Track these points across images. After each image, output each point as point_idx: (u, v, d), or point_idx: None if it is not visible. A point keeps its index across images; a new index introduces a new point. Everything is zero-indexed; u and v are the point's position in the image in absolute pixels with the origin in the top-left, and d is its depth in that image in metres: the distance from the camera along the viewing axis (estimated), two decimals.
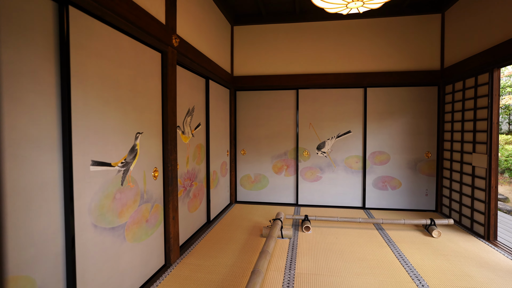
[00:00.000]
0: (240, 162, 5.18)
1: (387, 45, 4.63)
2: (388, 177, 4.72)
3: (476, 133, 3.68)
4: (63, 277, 1.62)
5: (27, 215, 1.41)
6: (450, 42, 4.30)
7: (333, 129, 4.85)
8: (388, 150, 4.70)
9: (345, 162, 4.83)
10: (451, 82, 4.26)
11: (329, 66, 4.78)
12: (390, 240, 3.43)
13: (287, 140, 5.01)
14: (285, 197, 5.06)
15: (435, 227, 3.58)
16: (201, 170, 3.82)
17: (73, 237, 1.65)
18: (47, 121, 1.53)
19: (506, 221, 4.41)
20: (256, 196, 5.15)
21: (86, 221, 1.76)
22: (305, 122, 4.93)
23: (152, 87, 2.56)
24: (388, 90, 4.69)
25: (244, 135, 5.15)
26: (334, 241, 3.42)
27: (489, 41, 3.43)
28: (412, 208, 4.69)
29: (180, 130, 3.19)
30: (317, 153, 4.90)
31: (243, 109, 5.14)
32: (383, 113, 4.70)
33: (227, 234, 3.63)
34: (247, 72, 5.01)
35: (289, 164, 5.02)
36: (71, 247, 1.63)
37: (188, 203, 3.42)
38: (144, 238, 2.41)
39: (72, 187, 1.64)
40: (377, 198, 4.76)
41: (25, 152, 1.41)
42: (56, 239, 1.57)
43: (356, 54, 4.71)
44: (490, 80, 3.43)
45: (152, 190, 2.54)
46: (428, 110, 4.60)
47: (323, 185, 4.90)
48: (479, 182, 3.63)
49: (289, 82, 4.85)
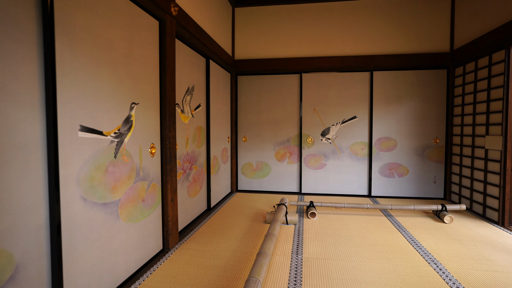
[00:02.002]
0: (241, 149, 4.99)
1: (394, 26, 4.44)
2: (395, 164, 4.54)
3: (490, 115, 3.51)
4: (47, 252, 1.42)
5: (1, 178, 1.22)
6: (460, 21, 4.12)
7: (338, 115, 4.67)
8: (395, 136, 4.53)
9: (350, 149, 4.65)
10: (462, 63, 4.08)
11: (333, 49, 4.59)
12: (401, 226, 3.26)
13: (290, 126, 4.83)
14: (288, 186, 4.88)
15: (446, 213, 3.41)
16: (201, 154, 3.63)
17: (59, 208, 1.45)
18: (27, 73, 1.33)
19: None
20: (258, 184, 4.96)
21: (73, 192, 1.56)
22: (309, 108, 4.74)
23: (149, 56, 2.36)
24: (395, 73, 4.50)
25: (246, 121, 4.96)
26: (341, 226, 3.25)
27: (504, 16, 3.25)
28: (420, 196, 4.52)
29: (179, 108, 2.99)
30: (321, 140, 4.71)
31: (244, 94, 4.94)
32: (390, 98, 4.52)
33: (228, 221, 3.44)
34: (249, 56, 4.81)
35: (292, 151, 4.83)
36: (56, 219, 1.44)
37: (188, 187, 3.23)
38: (140, 219, 2.22)
39: (57, 152, 1.44)
40: (384, 186, 4.59)
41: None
42: (38, 209, 1.38)
43: (362, 36, 4.52)
44: (506, 57, 3.25)
45: (149, 168, 2.35)
46: (436, 94, 4.42)
47: (328, 172, 4.72)
48: (493, 165, 3.46)
49: (292, 65, 4.66)
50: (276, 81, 4.84)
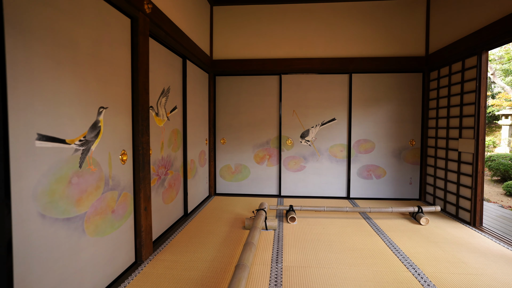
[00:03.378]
0: (219, 152, 4.87)
1: (372, 29, 4.48)
2: (373, 165, 4.60)
3: (463, 118, 3.61)
4: None
5: None
6: (435, 27, 4.21)
7: (318, 117, 4.66)
8: (373, 138, 4.58)
9: (329, 151, 4.66)
10: (437, 68, 4.18)
11: (313, 51, 4.57)
12: (379, 229, 3.28)
13: (269, 128, 4.76)
14: (267, 188, 4.82)
15: (422, 215, 3.47)
16: (178, 158, 3.48)
17: (10, 228, 1.29)
18: None
19: (485, 207, 4.43)
20: (237, 187, 4.87)
21: (29, 209, 1.40)
22: (288, 109, 4.70)
23: (120, 56, 2.20)
24: (374, 76, 4.55)
25: (224, 123, 4.84)
26: (321, 231, 3.22)
27: (477, 23, 3.34)
28: (397, 197, 4.60)
29: (153, 111, 2.84)
30: (300, 142, 4.69)
31: (223, 95, 4.82)
32: (368, 100, 4.56)
33: (206, 227, 3.32)
34: (227, 56, 4.70)
35: (272, 153, 4.77)
36: (5, 240, 1.28)
37: (163, 193, 3.08)
38: (109, 231, 2.07)
39: (8, 164, 1.28)
40: (362, 187, 4.63)
41: None
42: None
43: (342, 38, 4.53)
44: (478, 63, 3.35)
45: (120, 176, 2.19)
46: (413, 97, 4.51)
47: (307, 175, 4.71)
48: (466, 168, 3.56)
49: (272, 66, 4.59)
50: (255, 82, 4.76)
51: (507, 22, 2.90)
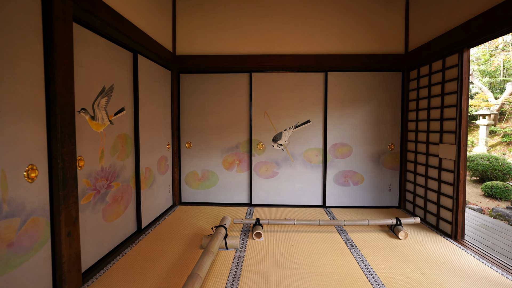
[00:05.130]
0: (185, 157, 4.43)
1: (349, 25, 4.14)
2: (350, 171, 4.27)
3: (444, 122, 3.32)
4: None
5: None
6: (415, 22, 3.92)
7: (291, 119, 4.29)
8: (350, 141, 4.25)
9: (303, 156, 4.30)
10: (416, 67, 3.89)
11: (286, 47, 4.19)
12: (354, 246, 2.93)
13: (239, 131, 4.36)
14: (237, 196, 4.42)
15: (401, 228, 3.16)
16: (127, 167, 3.03)
17: None
18: None
19: (466, 215, 4.20)
20: (204, 196, 4.44)
21: None
22: (259, 111, 4.30)
23: (25, 45, 1.74)
24: (350, 75, 4.22)
25: (190, 125, 4.40)
26: (289, 249, 2.85)
27: (458, 18, 3.04)
28: (375, 205, 4.30)
29: (86, 114, 2.38)
30: (273, 146, 4.31)
31: (188, 95, 4.38)
32: (345, 101, 4.23)
33: (158, 247, 2.89)
34: (193, 52, 4.26)
35: (242, 158, 4.37)
36: None
37: (104, 210, 2.62)
38: (6, 271, 1.61)
39: None
40: (339, 195, 4.30)
41: None
42: None
43: (316, 33, 4.17)
44: (459, 61, 3.06)
45: (25, 198, 1.73)
46: (392, 98, 4.21)
47: (280, 182, 4.33)
48: (447, 175, 3.28)
49: (241, 63, 4.19)
50: (223, 81, 4.34)
51: (490, 16, 2.61)
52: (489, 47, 14.99)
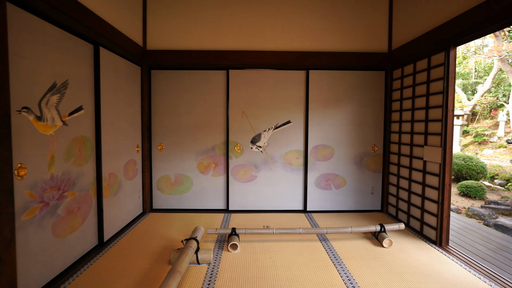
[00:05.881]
0: (156, 160, 4.09)
1: (331, 21, 3.95)
2: (332, 174, 4.09)
3: (429, 123, 3.18)
4: None
5: None
6: (399, 19, 3.77)
7: (271, 119, 4.05)
8: (332, 143, 4.07)
9: (284, 158, 4.08)
10: (400, 65, 3.75)
11: (265, 43, 3.94)
12: (336, 257, 2.73)
13: (215, 132, 4.07)
14: (213, 202, 4.13)
15: (385, 235, 3.00)
16: (86, 174, 2.68)
17: None
18: None
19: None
20: (178, 202, 4.13)
21: None
22: (237, 110, 4.04)
23: None
24: (333, 73, 4.03)
25: (162, 125, 4.07)
26: (267, 262, 2.60)
27: (445, 14, 2.90)
28: (357, 209, 4.14)
29: (30, 114, 2.02)
30: (251, 148, 4.05)
31: (160, 93, 4.04)
32: (327, 101, 4.03)
33: (120, 264, 2.57)
34: (166, 46, 3.92)
35: (218, 161, 4.09)
36: None
37: (54, 224, 2.28)
38: None
39: None
40: (320, 199, 4.11)
41: None
42: None
43: (298, 29, 3.95)
44: (446, 60, 2.91)
45: None
46: (375, 98, 4.06)
47: (259, 186, 4.09)
48: (431, 179, 3.14)
49: (218, 60, 3.90)
50: (199, 78, 4.04)
51: (480, 11, 2.46)
52: (463, 50, 15.43)
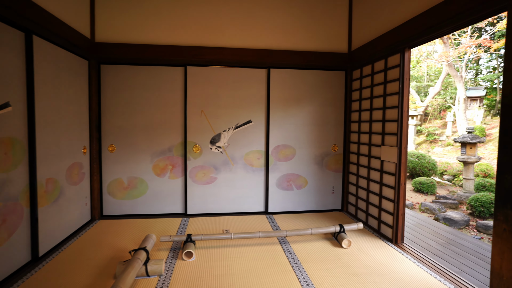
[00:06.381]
0: (107, 163, 3.76)
1: (293, 19, 3.89)
2: (294, 175, 4.05)
3: (386, 123, 3.23)
4: None
5: None
6: (358, 20, 3.81)
7: (231, 118, 3.91)
8: (293, 143, 4.02)
9: (244, 159, 3.96)
10: (359, 66, 3.79)
11: (225, 39, 3.78)
12: (296, 260, 2.66)
13: (172, 132, 3.84)
14: (170, 206, 3.90)
15: (344, 235, 2.99)
16: (14, 181, 2.34)
17: None
18: None
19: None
20: (131, 207, 3.83)
21: None
22: (195, 109, 3.84)
23: None
24: (294, 72, 3.98)
25: (113, 125, 3.75)
26: (224, 271, 2.46)
27: (400, 17, 2.94)
28: (319, 209, 4.14)
29: None
30: (210, 148, 3.88)
31: (111, 90, 3.72)
32: (289, 100, 3.98)
33: (57, 281, 2.28)
34: (118, 39, 3.61)
35: (175, 163, 3.86)
36: None
37: None
38: None
39: None
40: (282, 200, 4.04)
41: None
42: None
43: (259, 26, 3.83)
44: (401, 61, 2.97)
45: None
46: (335, 98, 4.08)
47: (219, 188, 3.93)
48: (388, 178, 3.20)
49: (175, 55, 3.67)
50: (154, 74, 3.78)
51: (431, 15, 2.51)
52: (416, 54, 16.43)
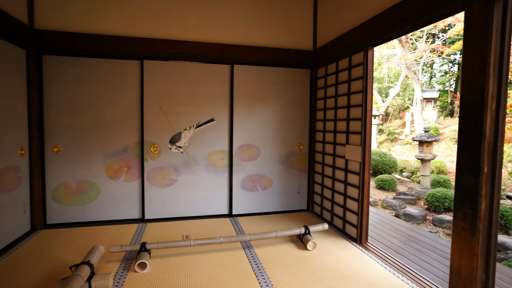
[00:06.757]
0: (51, 165, 3.36)
1: (258, 13, 3.75)
2: (258, 175, 3.91)
3: (350, 122, 3.20)
4: None
5: None
6: (323, 17, 3.76)
7: (192, 117, 3.68)
8: (258, 142, 3.89)
9: (207, 159, 3.75)
10: (324, 64, 3.74)
11: (187, 32, 3.54)
12: (259, 266, 2.52)
13: (127, 131, 3.53)
14: (125, 211, 3.59)
15: (310, 237, 2.91)
16: None
17: None
18: None
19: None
20: (81, 213, 3.47)
21: None
22: (153, 106, 3.56)
23: None
24: (259, 69, 3.84)
25: (59, 123, 3.36)
26: (181, 282, 2.25)
27: (364, 15, 2.92)
28: (285, 210, 4.05)
29: None
30: (170, 149, 3.63)
31: (56, 84, 3.33)
32: (253, 97, 3.84)
33: None
34: (63, 27, 3.23)
35: (131, 164, 3.56)
36: None
37: None
38: None
39: None
40: (246, 201, 3.90)
41: None
42: None
43: (222, 19, 3.65)
44: (365, 60, 2.94)
45: None
46: (301, 96, 4.01)
47: (179, 190, 3.69)
48: (352, 177, 3.17)
49: (130, 48, 3.38)
50: (107, 68, 3.45)
51: (393, 14, 2.50)
52: (378, 57, 17.16)
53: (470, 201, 1.86)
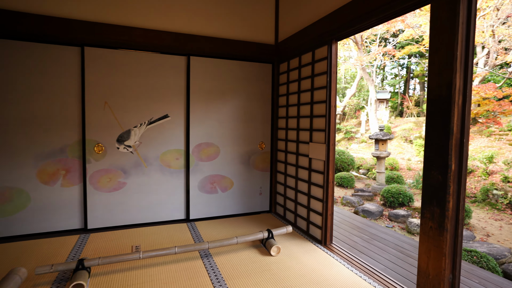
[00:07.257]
0: None
1: (218, 2, 3.47)
2: (218, 176, 3.65)
3: (314, 119, 3.07)
4: None
5: None
6: (285, 9, 3.60)
7: (143, 113, 3.30)
8: (217, 141, 3.61)
9: (161, 160, 3.39)
10: (286, 59, 3.58)
11: (136, 17, 3.15)
12: (219, 278, 2.27)
13: (65, 129, 3.05)
14: (63, 221, 3.10)
15: (273, 242, 2.72)
16: None
17: None
18: None
19: None
20: (5, 227, 2.91)
21: None
22: (97, 100, 3.12)
23: None
24: (218, 62, 3.57)
25: None
26: None
27: (328, 7, 2.79)
28: (246, 212, 3.83)
29: None
30: (118, 148, 3.21)
31: None
32: (211, 93, 3.55)
33: None
34: None
35: (70, 166, 3.08)
36: None
37: None
38: None
39: None
40: (205, 204, 3.61)
41: None
42: None
43: (178, 6, 3.31)
44: (329, 54, 2.82)
45: None
46: (262, 92, 3.81)
47: (129, 194, 3.28)
48: (316, 177, 3.05)
49: (68, 32, 2.90)
50: (39, 54, 2.93)
51: (356, 6, 2.39)
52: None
53: (438, 199, 1.79)
